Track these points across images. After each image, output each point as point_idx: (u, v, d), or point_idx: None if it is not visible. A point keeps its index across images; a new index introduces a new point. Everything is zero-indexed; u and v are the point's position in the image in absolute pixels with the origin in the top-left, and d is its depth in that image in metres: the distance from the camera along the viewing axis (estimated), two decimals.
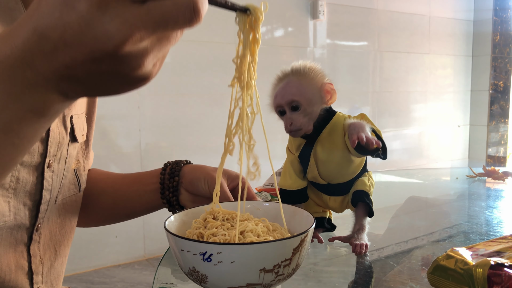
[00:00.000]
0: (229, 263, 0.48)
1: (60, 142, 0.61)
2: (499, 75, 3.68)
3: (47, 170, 0.59)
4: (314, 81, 0.74)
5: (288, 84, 0.74)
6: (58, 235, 0.66)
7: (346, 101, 3.01)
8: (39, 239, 0.61)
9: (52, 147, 0.59)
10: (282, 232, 0.58)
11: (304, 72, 0.74)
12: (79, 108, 0.67)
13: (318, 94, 0.73)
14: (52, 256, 0.65)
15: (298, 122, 0.72)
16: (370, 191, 0.76)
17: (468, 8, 3.68)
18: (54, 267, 0.66)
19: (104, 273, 2.20)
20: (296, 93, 0.73)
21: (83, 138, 0.69)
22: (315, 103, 0.73)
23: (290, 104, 0.73)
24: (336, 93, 0.75)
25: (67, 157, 0.64)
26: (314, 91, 0.73)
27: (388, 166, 3.24)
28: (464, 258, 0.46)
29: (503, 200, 1.20)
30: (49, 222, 0.63)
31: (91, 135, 0.75)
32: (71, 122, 0.63)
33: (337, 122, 0.75)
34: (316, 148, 0.75)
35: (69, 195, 0.67)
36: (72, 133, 0.64)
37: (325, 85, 0.74)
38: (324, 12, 2.83)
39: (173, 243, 0.52)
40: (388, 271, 0.70)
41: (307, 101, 0.72)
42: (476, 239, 0.83)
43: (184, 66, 2.40)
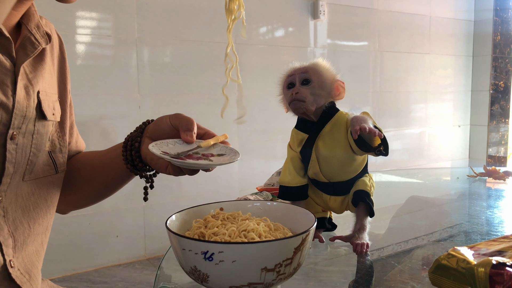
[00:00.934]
0: (230, 262, 0.48)
1: (26, 116, 0.61)
2: (500, 75, 3.68)
3: (10, 142, 0.60)
4: (330, 73, 0.77)
5: (311, 63, 0.77)
6: (32, 212, 0.66)
7: (346, 101, 2.98)
8: (4, 213, 0.61)
9: (17, 119, 0.60)
10: (283, 231, 0.59)
11: (324, 65, 0.77)
12: (47, 86, 0.68)
13: (330, 84, 0.76)
14: (25, 232, 0.65)
15: (304, 94, 0.73)
16: (371, 191, 0.76)
17: (468, 8, 3.68)
18: (27, 243, 0.66)
19: (105, 273, 2.20)
20: (313, 68, 0.75)
21: (54, 117, 0.69)
22: (325, 89, 0.75)
23: (303, 76, 0.74)
24: (344, 93, 0.77)
25: (34, 133, 0.64)
26: (327, 80, 0.76)
27: (388, 166, 3.24)
28: (466, 258, 0.46)
29: (504, 200, 1.20)
30: (19, 199, 0.64)
31: (66, 118, 0.76)
32: (38, 97, 0.64)
33: (339, 119, 0.76)
34: (317, 143, 0.75)
35: (44, 176, 0.68)
36: (39, 108, 0.64)
37: (337, 81, 0.77)
38: (325, 12, 2.83)
39: (174, 242, 0.52)
40: (389, 271, 0.70)
41: (319, 81, 0.74)
42: (477, 239, 0.83)
43: (185, 66, 2.40)
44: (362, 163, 0.77)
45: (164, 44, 2.34)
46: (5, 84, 0.58)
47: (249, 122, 2.60)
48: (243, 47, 2.57)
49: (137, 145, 0.69)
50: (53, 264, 2.11)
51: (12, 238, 0.63)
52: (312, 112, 0.75)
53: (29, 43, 0.63)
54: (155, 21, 2.29)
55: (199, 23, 2.42)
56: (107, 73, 2.20)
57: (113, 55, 2.22)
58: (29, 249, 0.67)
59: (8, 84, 0.59)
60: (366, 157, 0.78)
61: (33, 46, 0.63)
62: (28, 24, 0.64)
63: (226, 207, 0.66)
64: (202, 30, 2.43)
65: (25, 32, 0.63)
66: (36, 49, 0.63)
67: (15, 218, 0.63)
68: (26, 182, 0.65)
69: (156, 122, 0.69)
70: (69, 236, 2.14)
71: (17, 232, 0.64)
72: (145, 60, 2.30)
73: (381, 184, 1.48)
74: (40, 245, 0.71)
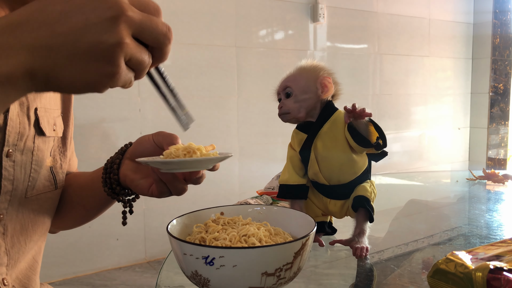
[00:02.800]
0: (231, 267, 0.49)
1: (21, 132, 0.60)
2: (499, 77, 3.69)
3: (6, 159, 0.59)
4: (312, 73, 0.79)
5: (288, 75, 0.80)
6: (30, 230, 0.65)
7: (346, 103, 3.00)
8: (3, 230, 0.61)
9: (11, 137, 0.59)
10: (283, 236, 0.59)
11: (306, 66, 0.80)
12: (47, 102, 0.67)
13: (313, 84, 0.78)
14: (21, 249, 0.64)
15: (287, 107, 0.77)
16: (371, 197, 0.76)
17: (467, 10, 3.69)
18: (20, 260, 0.65)
19: (105, 276, 2.21)
20: (290, 79, 0.79)
21: (55, 133, 0.68)
22: (308, 92, 0.77)
23: (284, 90, 0.79)
24: (333, 87, 0.78)
25: (34, 150, 0.63)
26: (309, 82, 0.78)
27: (388, 169, 3.24)
28: (464, 262, 0.46)
29: (503, 203, 1.20)
30: (19, 216, 0.63)
31: (69, 134, 0.75)
32: (36, 114, 0.63)
33: (338, 118, 0.77)
34: (316, 143, 0.76)
35: (44, 192, 0.67)
36: (38, 125, 0.63)
37: (321, 78, 0.78)
38: (324, 15, 2.84)
39: (175, 246, 0.52)
40: (388, 274, 0.70)
41: (299, 89, 0.77)
42: (476, 242, 0.83)
43: (185, 69, 2.41)
44: (362, 166, 0.78)
45: None
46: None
47: (249, 125, 2.61)
48: (243, 50, 2.58)
49: (116, 167, 0.67)
50: (53, 267, 2.11)
51: (8, 256, 0.62)
52: (304, 117, 0.78)
53: None
54: None
55: (199, 26, 2.43)
56: None
57: None
58: (22, 266, 0.67)
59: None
60: (366, 161, 0.78)
61: None
62: None
63: (226, 212, 0.66)
64: (202, 34, 2.44)
65: None
66: None
67: (13, 235, 0.62)
68: (29, 198, 0.64)
69: (137, 142, 0.67)
70: (70, 239, 2.14)
71: (13, 250, 0.63)
72: None
73: (381, 187, 1.48)
74: (33, 261, 0.70)
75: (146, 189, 0.64)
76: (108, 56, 0.36)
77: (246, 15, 2.58)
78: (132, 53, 0.37)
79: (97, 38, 0.35)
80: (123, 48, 0.36)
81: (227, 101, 2.56)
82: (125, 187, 0.68)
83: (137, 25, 0.37)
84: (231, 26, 2.53)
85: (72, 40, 0.35)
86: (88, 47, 0.35)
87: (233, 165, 2.59)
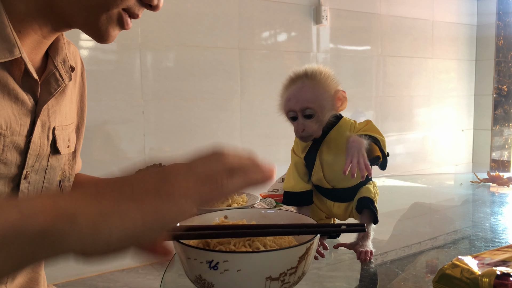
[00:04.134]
0: (235, 271, 0.48)
1: (39, 154, 0.60)
2: (503, 79, 3.67)
3: (23, 181, 0.59)
4: (328, 87, 0.74)
5: (303, 89, 0.73)
6: None
7: (349, 105, 2.98)
8: None
9: (31, 159, 0.59)
10: (288, 240, 0.59)
11: (319, 77, 0.74)
12: (63, 119, 0.67)
13: (331, 101, 0.74)
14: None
15: (311, 129, 0.73)
16: (375, 198, 0.76)
17: (471, 12, 3.68)
18: (17, 276, 0.65)
19: (108, 278, 2.21)
20: (311, 99, 0.72)
21: (69, 150, 0.69)
22: (328, 110, 0.74)
23: (304, 111, 0.72)
24: (346, 101, 0.76)
25: (47, 168, 0.63)
26: (328, 98, 0.74)
27: (391, 171, 3.23)
28: (470, 268, 0.46)
29: (508, 206, 1.19)
30: None
31: (79, 146, 0.76)
32: (54, 134, 0.63)
33: (343, 126, 0.76)
34: (322, 150, 0.76)
35: None
36: (54, 144, 0.64)
37: (338, 92, 0.75)
38: (327, 17, 2.84)
39: (180, 251, 0.52)
40: (393, 278, 0.70)
41: (321, 109, 0.73)
42: (481, 246, 0.83)
43: (188, 71, 2.41)
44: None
45: (167, 49, 2.35)
46: (24, 125, 0.57)
47: (252, 127, 2.61)
48: (246, 52, 2.58)
49: None
50: (56, 269, 2.11)
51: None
52: (319, 134, 0.75)
53: (53, 80, 0.62)
54: (158, 27, 2.30)
55: (202, 28, 2.43)
56: (110, 78, 2.21)
57: (117, 60, 2.23)
58: (21, 279, 0.66)
59: (27, 124, 0.58)
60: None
61: (56, 83, 0.62)
62: (56, 58, 0.63)
63: (230, 215, 0.66)
64: (205, 36, 2.44)
65: (51, 67, 0.62)
66: (59, 87, 0.62)
67: None
68: None
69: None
70: None
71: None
72: (148, 65, 2.31)
73: (384, 189, 1.48)
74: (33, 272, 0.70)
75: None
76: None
77: (249, 17, 2.58)
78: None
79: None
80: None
81: (230, 103, 2.56)
82: None
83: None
84: (234, 28, 2.53)
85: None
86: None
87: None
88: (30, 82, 0.58)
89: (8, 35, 0.53)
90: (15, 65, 0.55)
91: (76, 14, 0.56)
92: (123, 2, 0.55)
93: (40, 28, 0.58)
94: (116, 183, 0.36)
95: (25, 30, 0.57)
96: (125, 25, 0.59)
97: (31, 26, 0.57)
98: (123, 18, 0.58)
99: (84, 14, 0.56)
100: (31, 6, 0.56)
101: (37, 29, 0.58)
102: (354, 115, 3.04)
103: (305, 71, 0.75)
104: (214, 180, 0.37)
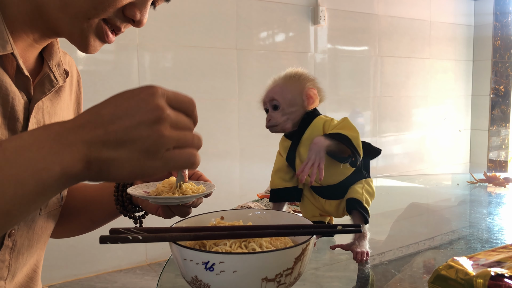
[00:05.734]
0: (231, 273, 0.48)
1: None
2: (500, 79, 3.68)
3: None
4: (298, 85, 0.80)
5: (274, 85, 0.80)
6: (35, 246, 0.67)
7: (347, 105, 3.02)
8: (12, 245, 0.61)
9: None
10: (284, 241, 0.59)
11: (292, 77, 0.80)
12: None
13: (299, 97, 0.79)
14: (22, 263, 0.65)
15: (275, 120, 0.79)
16: (363, 198, 0.76)
17: (468, 12, 3.69)
18: (19, 274, 0.66)
19: (106, 278, 2.20)
20: (278, 92, 0.79)
21: None
22: (295, 105, 0.79)
23: (271, 102, 0.80)
24: (318, 98, 0.79)
25: None
26: (296, 94, 0.79)
27: (389, 171, 3.24)
28: (465, 268, 0.46)
29: (504, 207, 1.20)
30: (30, 232, 0.64)
31: None
32: None
33: (316, 125, 0.78)
34: (299, 149, 0.78)
35: (53, 209, 0.69)
36: None
37: (307, 90, 0.79)
38: (325, 17, 2.84)
39: (176, 252, 0.52)
40: (389, 279, 0.70)
41: (286, 102, 0.78)
42: (477, 247, 0.83)
43: (186, 72, 2.41)
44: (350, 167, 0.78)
45: (165, 49, 2.35)
46: (18, 121, 0.59)
47: (250, 127, 2.61)
48: (244, 53, 2.58)
49: (129, 186, 0.71)
50: (54, 270, 2.11)
51: (8, 270, 0.62)
52: (290, 128, 0.80)
53: (48, 81, 0.64)
54: (156, 27, 2.30)
55: (200, 28, 2.43)
56: (108, 79, 2.20)
57: (114, 61, 2.23)
58: (21, 277, 0.67)
59: (21, 120, 0.59)
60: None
61: (50, 84, 0.64)
62: (50, 61, 0.65)
63: (227, 216, 0.66)
64: (203, 36, 2.44)
65: (46, 69, 0.64)
66: (53, 87, 0.64)
67: (19, 250, 0.63)
68: (42, 216, 0.65)
69: None
70: (70, 241, 2.14)
71: (16, 264, 0.64)
72: (146, 65, 2.31)
73: (382, 189, 1.48)
74: (32, 271, 0.71)
75: (154, 210, 0.69)
76: (153, 150, 0.42)
77: (247, 17, 2.58)
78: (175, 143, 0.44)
79: (142, 135, 0.42)
80: (164, 142, 0.43)
81: (228, 103, 2.56)
82: (136, 205, 0.74)
83: (173, 121, 0.44)
84: (232, 29, 2.53)
85: (122, 137, 0.42)
86: (135, 143, 0.42)
87: (234, 167, 2.59)
88: (23, 79, 0.60)
89: (1, 31, 0.56)
90: (8, 62, 0.57)
91: (60, 20, 0.58)
92: (103, 12, 0.57)
93: (32, 32, 0.60)
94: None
95: (17, 32, 0.59)
96: (105, 37, 0.60)
97: (22, 29, 0.59)
98: (102, 29, 0.59)
99: (67, 21, 0.57)
100: (22, 10, 0.58)
101: (29, 32, 0.60)
102: (351, 115, 3.05)
103: (284, 73, 0.81)
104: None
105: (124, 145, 0.42)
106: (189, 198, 0.62)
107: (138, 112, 0.42)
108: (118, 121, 0.42)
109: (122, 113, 0.42)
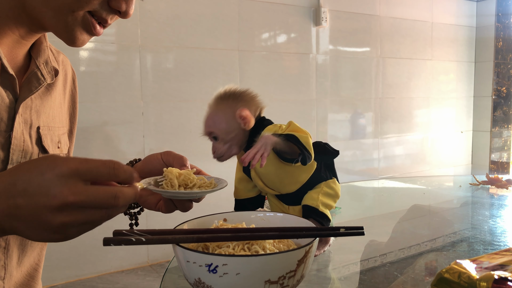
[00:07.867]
0: (234, 275, 0.48)
1: (25, 150, 0.61)
2: (502, 81, 3.68)
3: None
4: (229, 109, 0.78)
5: (208, 116, 0.80)
6: (28, 244, 0.66)
7: (348, 107, 3.02)
8: (5, 245, 0.61)
9: (15, 155, 0.60)
10: (287, 243, 0.59)
11: (222, 100, 0.79)
12: (50, 120, 0.68)
13: (234, 121, 0.77)
14: (17, 263, 0.65)
15: (219, 150, 0.79)
16: (318, 203, 0.75)
17: (470, 14, 3.69)
18: (17, 273, 0.66)
19: (108, 279, 2.21)
20: (211, 125, 0.78)
21: (60, 151, 0.69)
22: (232, 130, 0.78)
23: (210, 135, 0.79)
24: (253, 117, 0.78)
25: None
26: (229, 120, 0.77)
27: (391, 172, 3.23)
28: (468, 272, 0.46)
29: (507, 209, 1.20)
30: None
31: (71, 149, 0.77)
32: (38, 132, 0.64)
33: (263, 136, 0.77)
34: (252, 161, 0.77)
35: None
36: (40, 143, 0.64)
37: (239, 112, 0.77)
38: (327, 18, 2.84)
39: (179, 254, 0.52)
40: (392, 281, 0.70)
41: (223, 132, 0.78)
42: (479, 249, 0.83)
43: (188, 73, 2.42)
44: (305, 174, 0.77)
45: (167, 50, 2.36)
46: (2, 121, 0.58)
47: None
48: (246, 54, 2.58)
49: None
50: (56, 270, 2.11)
51: (5, 269, 0.62)
52: (238, 152, 0.79)
53: (35, 79, 0.63)
54: (158, 28, 2.30)
55: (202, 30, 2.43)
56: (110, 80, 2.21)
57: (116, 62, 2.23)
58: (20, 276, 0.67)
59: (5, 120, 0.59)
60: (311, 167, 0.78)
61: (38, 82, 0.63)
62: (38, 59, 0.64)
63: (229, 218, 0.66)
64: (205, 37, 2.44)
65: (33, 67, 0.63)
66: (40, 85, 0.63)
67: (13, 250, 0.63)
68: None
69: (146, 159, 0.70)
70: (72, 242, 2.13)
71: (11, 264, 0.63)
72: (148, 66, 2.31)
73: (384, 191, 1.48)
74: (33, 269, 0.71)
75: (153, 205, 0.68)
76: (57, 231, 0.45)
77: (249, 19, 2.58)
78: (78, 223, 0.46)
79: (46, 218, 0.44)
80: (69, 225, 0.45)
81: None
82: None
83: (79, 204, 0.45)
84: (233, 30, 2.53)
85: (29, 214, 0.44)
86: (40, 224, 0.44)
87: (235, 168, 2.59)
88: (8, 78, 0.59)
89: None
90: None
91: (44, 14, 0.57)
92: (87, 5, 0.56)
93: (17, 28, 0.60)
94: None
95: (2, 29, 0.58)
96: (93, 30, 0.59)
97: (7, 25, 0.58)
98: (89, 22, 0.58)
99: (50, 14, 0.56)
100: (5, 5, 0.57)
101: (14, 28, 0.59)
102: (353, 116, 3.05)
103: (215, 95, 0.80)
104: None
105: (30, 223, 0.44)
106: (205, 193, 0.62)
107: (47, 195, 0.43)
108: (28, 198, 0.44)
109: (32, 191, 0.44)
